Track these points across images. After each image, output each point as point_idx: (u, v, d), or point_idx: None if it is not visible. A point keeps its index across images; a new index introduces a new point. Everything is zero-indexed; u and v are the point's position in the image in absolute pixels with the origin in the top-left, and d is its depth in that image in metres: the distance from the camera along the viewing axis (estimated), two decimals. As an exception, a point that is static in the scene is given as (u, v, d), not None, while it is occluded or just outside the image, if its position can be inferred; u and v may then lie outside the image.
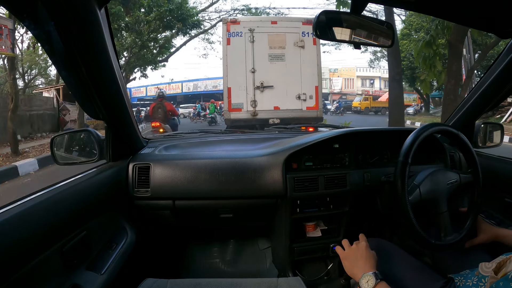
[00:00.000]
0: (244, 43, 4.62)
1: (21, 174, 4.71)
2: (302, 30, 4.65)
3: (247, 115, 4.71)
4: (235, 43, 4.62)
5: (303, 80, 4.70)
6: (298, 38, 4.66)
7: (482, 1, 0.63)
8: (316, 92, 4.75)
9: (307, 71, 4.69)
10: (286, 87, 4.70)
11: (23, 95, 9.83)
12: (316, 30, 0.77)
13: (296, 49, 4.66)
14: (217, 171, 1.05)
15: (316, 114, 4.77)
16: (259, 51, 4.63)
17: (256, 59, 4.64)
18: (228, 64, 4.65)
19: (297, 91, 4.71)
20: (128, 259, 0.91)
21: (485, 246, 0.88)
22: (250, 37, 4.62)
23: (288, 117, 4.61)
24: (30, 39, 8.22)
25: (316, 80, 4.75)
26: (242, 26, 4.63)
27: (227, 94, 4.68)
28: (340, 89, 31.91)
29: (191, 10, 10.77)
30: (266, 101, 4.69)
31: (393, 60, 6.88)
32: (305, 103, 4.74)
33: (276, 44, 4.65)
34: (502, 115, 9.54)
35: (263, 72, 4.64)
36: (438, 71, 5.50)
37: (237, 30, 4.61)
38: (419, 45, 5.20)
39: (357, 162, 1.15)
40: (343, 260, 0.79)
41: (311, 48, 4.68)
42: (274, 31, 4.67)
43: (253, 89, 4.68)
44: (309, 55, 4.68)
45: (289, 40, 4.66)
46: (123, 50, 9.85)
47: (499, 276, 0.56)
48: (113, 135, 1.00)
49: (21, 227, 0.59)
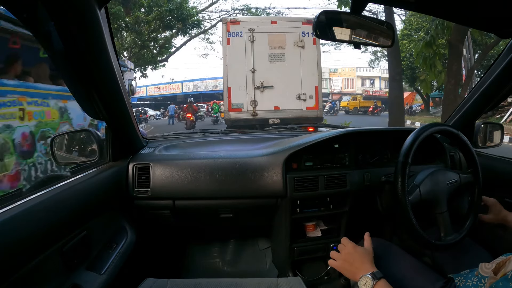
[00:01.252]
0: (244, 43, 4.59)
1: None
2: (302, 30, 4.63)
3: (247, 115, 4.69)
4: (235, 43, 4.59)
5: (303, 80, 4.67)
6: (298, 38, 4.63)
7: (482, 1, 0.63)
8: (316, 92, 4.73)
9: (307, 71, 4.66)
10: (286, 87, 4.67)
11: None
12: (316, 30, 0.77)
13: (296, 49, 4.64)
14: (217, 171, 1.05)
15: (316, 114, 4.75)
16: (259, 51, 4.61)
17: (256, 59, 4.62)
18: (228, 64, 4.63)
19: (297, 91, 4.68)
20: (128, 259, 0.91)
21: (486, 245, 0.88)
22: (250, 37, 4.60)
23: (288, 117, 4.58)
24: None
25: (316, 80, 4.72)
26: (242, 26, 4.61)
27: (227, 94, 4.66)
28: (340, 89, 31.90)
29: (191, 10, 10.78)
30: (266, 101, 4.67)
31: (393, 60, 6.88)
32: (305, 103, 4.71)
33: (276, 44, 4.63)
34: (502, 115, 9.54)
35: (263, 72, 4.62)
36: (438, 71, 5.49)
37: (237, 30, 4.59)
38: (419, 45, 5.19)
39: (357, 162, 1.15)
40: (340, 270, 0.77)
41: (311, 48, 4.66)
42: (274, 31, 4.65)
43: (253, 89, 4.66)
44: (309, 55, 4.66)
45: (289, 40, 4.64)
46: (123, 50, 9.86)
47: (498, 277, 0.56)
48: (113, 135, 1.00)
49: (21, 227, 0.59)
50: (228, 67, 4.63)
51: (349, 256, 0.75)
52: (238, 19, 4.76)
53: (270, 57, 4.64)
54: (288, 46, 4.63)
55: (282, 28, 4.67)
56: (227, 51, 4.62)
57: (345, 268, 0.75)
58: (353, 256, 0.74)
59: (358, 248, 0.76)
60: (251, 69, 4.63)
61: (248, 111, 4.68)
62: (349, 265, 0.74)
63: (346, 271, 0.75)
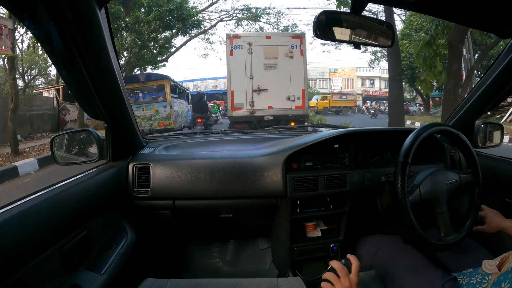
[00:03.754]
0: (244, 55, 5.63)
1: (21, 174, 4.70)
2: (291, 43, 5.69)
3: (247, 113, 5.70)
4: (237, 54, 5.64)
5: (292, 84, 5.70)
6: (288, 50, 5.67)
7: (482, 1, 0.63)
8: (303, 94, 5.77)
9: (296, 77, 5.70)
10: (278, 90, 5.69)
11: (23, 95, 9.81)
12: (316, 30, 0.77)
13: (286, 59, 5.68)
14: (217, 171, 1.05)
15: (303, 112, 5.84)
16: (256, 61, 5.66)
17: (254, 67, 5.66)
18: (231, 71, 5.68)
19: (287, 93, 5.71)
20: (128, 259, 0.91)
21: (487, 244, 0.88)
22: (249, 50, 5.64)
23: (279, 115, 5.66)
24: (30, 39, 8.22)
25: (303, 84, 5.76)
26: (242, 40, 5.66)
27: (230, 96, 5.70)
28: (340, 89, 31.88)
29: (191, 10, 10.74)
30: (262, 101, 5.69)
31: (393, 60, 6.88)
32: (294, 103, 5.75)
33: (270, 55, 5.69)
34: (502, 115, 9.53)
35: (260, 78, 5.66)
36: (438, 71, 5.47)
37: (238, 44, 5.64)
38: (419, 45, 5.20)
39: (357, 162, 1.15)
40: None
41: (298, 58, 5.72)
42: (268, 44, 5.70)
43: (251, 92, 5.68)
44: (297, 64, 5.71)
45: (281, 52, 5.68)
46: (123, 50, 9.84)
47: (502, 271, 0.56)
48: (113, 135, 1.00)
49: (21, 227, 0.59)
50: (231, 74, 5.70)
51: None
52: (239, 34, 5.90)
53: (265, 66, 5.69)
54: (280, 57, 5.69)
55: (275, 42, 5.77)
56: (230, 61, 5.67)
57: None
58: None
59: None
60: (250, 76, 5.67)
61: (247, 109, 5.71)
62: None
63: None
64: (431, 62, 5.16)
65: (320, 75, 31.65)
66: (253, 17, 13.10)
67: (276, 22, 13.30)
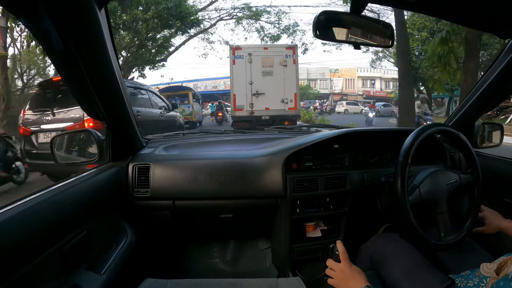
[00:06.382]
0: (245, 63, 6.59)
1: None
2: (285, 53, 6.65)
3: (247, 113, 6.68)
4: (238, 63, 6.62)
5: (285, 89, 6.64)
6: (282, 59, 6.62)
7: (482, 1, 0.63)
8: (295, 97, 6.71)
9: (289, 83, 6.65)
10: (274, 94, 6.63)
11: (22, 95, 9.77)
12: (316, 31, 0.77)
13: (281, 67, 6.62)
14: (217, 171, 1.04)
15: (295, 112, 6.84)
16: (255, 68, 6.61)
17: (253, 74, 6.62)
18: (233, 78, 6.72)
19: (281, 96, 6.66)
20: (128, 259, 0.91)
21: (487, 245, 0.88)
22: (249, 59, 6.59)
23: (275, 115, 6.63)
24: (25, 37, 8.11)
25: (295, 88, 6.73)
26: (243, 51, 6.64)
27: (233, 99, 6.73)
28: (340, 89, 31.88)
29: (190, 8, 10.68)
30: (259, 103, 6.67)
31: (401, 61, 6.83)
32: (287, 105, 6.70)
33: (267, 64, 6.63)
34: (507, 116, 9.47)
35: (258, 83, 6.62)
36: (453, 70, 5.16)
37: (239, 54, 6.63)
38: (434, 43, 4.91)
39: (357, 162, 1.14)
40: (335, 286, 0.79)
41: (291, 66, 6.68)
42: (265, 54, 6.69)
43: (251, 95, 6.65)
44: (290, 71, 6.66)
45: (276, 61, 6.62)
46: (121, 49, 9.80)
47: (500, 276, 0.56)
48: (113, 135, 1.00)
49: (21, 227, 0.59)
50: (233, 80, 6.73)
51: (344, 274, 0.76)
52: (240, 46, 6.95)
53: (262, 73, 6.64)
54: (275, 65, 6.63)
55: (271, 52, 6.77)
56: (233, 69, 6.69)
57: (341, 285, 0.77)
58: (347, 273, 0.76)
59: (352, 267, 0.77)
60: (249, 82, 6.62)
61: (247, 110, 6.68)
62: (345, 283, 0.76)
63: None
64: (445, 60, 4.93)
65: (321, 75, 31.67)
66: (254, 16, 13.04)
67: (276, 21, 13.27)
